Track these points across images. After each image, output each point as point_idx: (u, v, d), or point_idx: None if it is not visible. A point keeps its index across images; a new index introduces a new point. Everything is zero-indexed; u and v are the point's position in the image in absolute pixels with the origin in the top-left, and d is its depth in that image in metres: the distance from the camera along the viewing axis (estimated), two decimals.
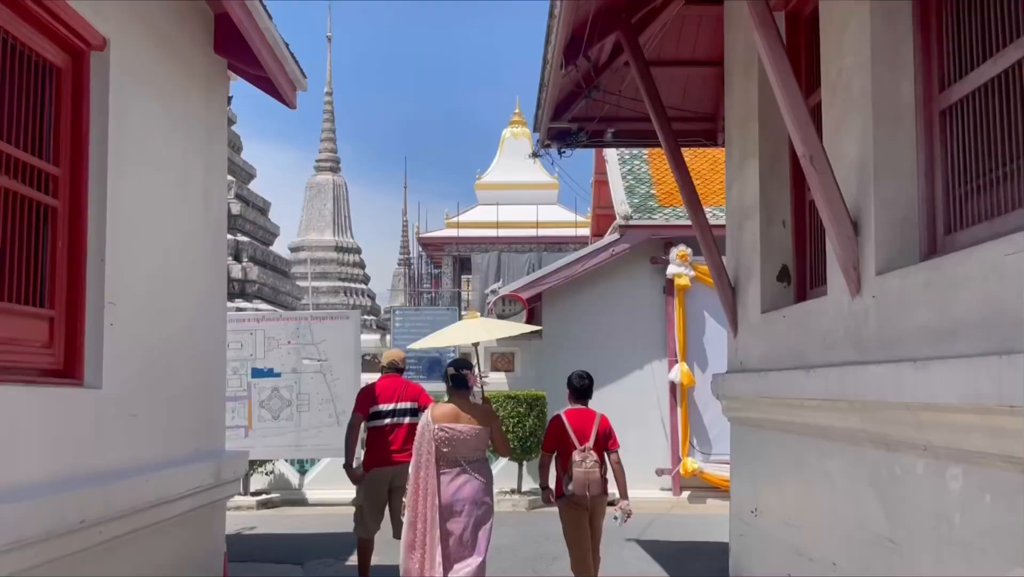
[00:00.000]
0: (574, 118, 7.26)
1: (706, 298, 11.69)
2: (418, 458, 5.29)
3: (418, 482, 5.26)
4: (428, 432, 5.28)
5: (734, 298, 5.87)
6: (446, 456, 5.26)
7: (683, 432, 11.54)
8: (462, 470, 5.25)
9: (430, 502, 5.19)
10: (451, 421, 5.28)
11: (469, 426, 5.27)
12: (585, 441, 5.79)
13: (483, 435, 5.33)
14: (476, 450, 5.34)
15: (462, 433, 5.26)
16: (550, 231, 30.46)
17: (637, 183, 12.62)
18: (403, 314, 11.70)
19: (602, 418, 5.98)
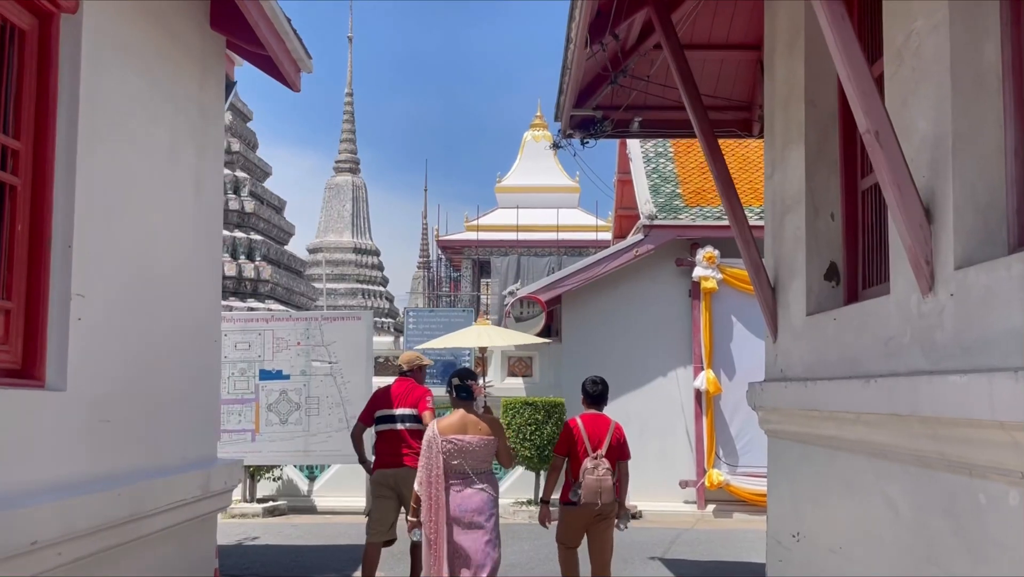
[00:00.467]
0: (598, 106, 6.77)
1: (734, 302, 11.16)
2: (428, 473, 5.24)
3: (431, 497, 5.21)
4: (435, 445, 5.22)
5: (774, 299, 5.34)
6: (454, 468, 5.22)
7: (708, 442, 10.99)
8: (471, 482, 5.24)
9: (440, 516, 5.18)
10: (458, 433, 5.24)
11: (477, 437, 5.25)
12: (599, 448, 5.73)
13: (491, 446, 5.32)
14: (484, 461, 5.32)
15: (470, 444, 5.23)
16: (571, 235, 30.02)
17: (662, 182, 12.10)
18: (417, 315, 11.24)
19: (617, 426, 5.91)
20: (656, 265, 11.44)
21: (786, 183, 5.17)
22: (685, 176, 12.24)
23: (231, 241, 15.22)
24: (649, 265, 11.42)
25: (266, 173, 17.46)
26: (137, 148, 4.43)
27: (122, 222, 4.23)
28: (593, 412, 5.95)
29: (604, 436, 5.77)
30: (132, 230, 4.35)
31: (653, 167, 12.35)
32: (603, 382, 6.03)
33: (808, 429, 4.56)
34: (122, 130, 4.24)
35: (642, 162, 12.37)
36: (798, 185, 4.92)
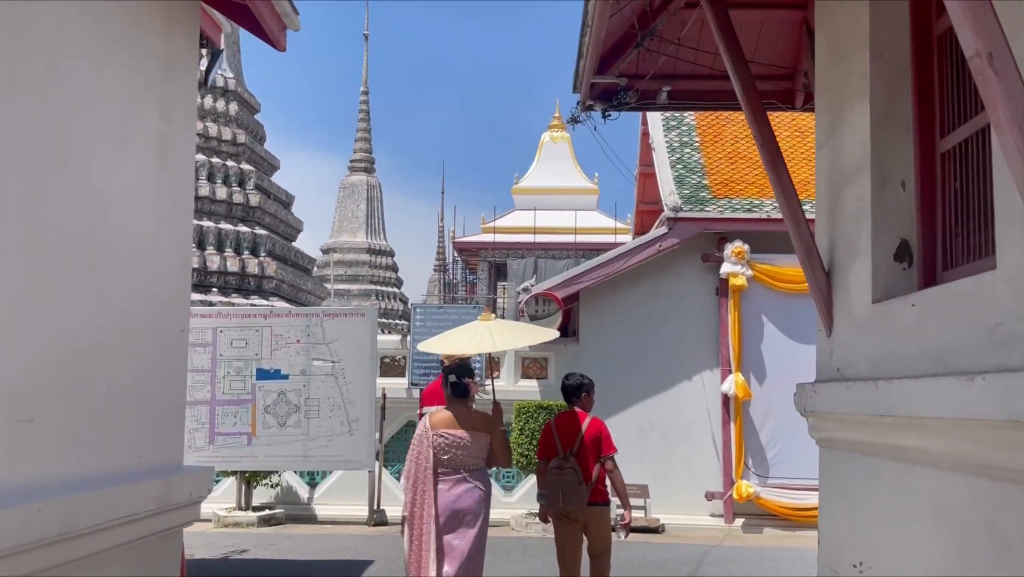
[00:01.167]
0: (622, 73, 6.02)
1: (765, 300, 10.38)
2: (416, 467, 5.18)
3: (417, 494, 5.15)
4: (426, 439, 5.17)
5: (829, 286, 4.58)
6: (445, 464, 5.16)
7: (737, 451, 10.20)
8: (462, 478, 5.15)
9: (427, 513, 5.09)
10: (449, 427, 5.17)
11: (466, 432, 5.17)
12: (567, 447, 5.58)
13: (483, 441, 5.22)
14: (476, 458, 5.22)
15: (461, 439, 5.15)
16: (589, 237, 29.41)
17: (688, 172, 11.34)
18: (424, 312, 10.52)
19: (592, 422, 5.71)
20: (681, 260, 10.67)
21: (844, 149, 4.41)
22: (712, 166, 11.47)
23: (235, 236, 14.62)
24: (673, 260, 10.66)
25: (273, 167, 16.86)
26: (77, 99, 3.74)
27: (55, 187, 3.54)
28: (567, 411, 5.84)
29: (575, 435, 5.60)
30: (68, 197, 3.66)
31: (678, 157, 11.60)
32: (579, 377, 5.89)
33: (877, 438, 3.80)
34: (56, 74, 3.55)
35: (666, 152, 11.62)
36: (861, 151, 4.16)
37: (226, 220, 14.59)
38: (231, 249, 14.34)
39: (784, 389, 10.52)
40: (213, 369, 10.04)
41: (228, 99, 15.65)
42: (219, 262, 13.94)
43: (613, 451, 5.64)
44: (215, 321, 10.07)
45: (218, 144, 15.09)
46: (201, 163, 14.64)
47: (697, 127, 12.12)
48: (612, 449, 5.64)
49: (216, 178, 14.77)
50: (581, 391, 5.82)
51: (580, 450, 5.54)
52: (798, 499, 9.94)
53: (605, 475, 5.63)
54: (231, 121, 15.43)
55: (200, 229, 14.12)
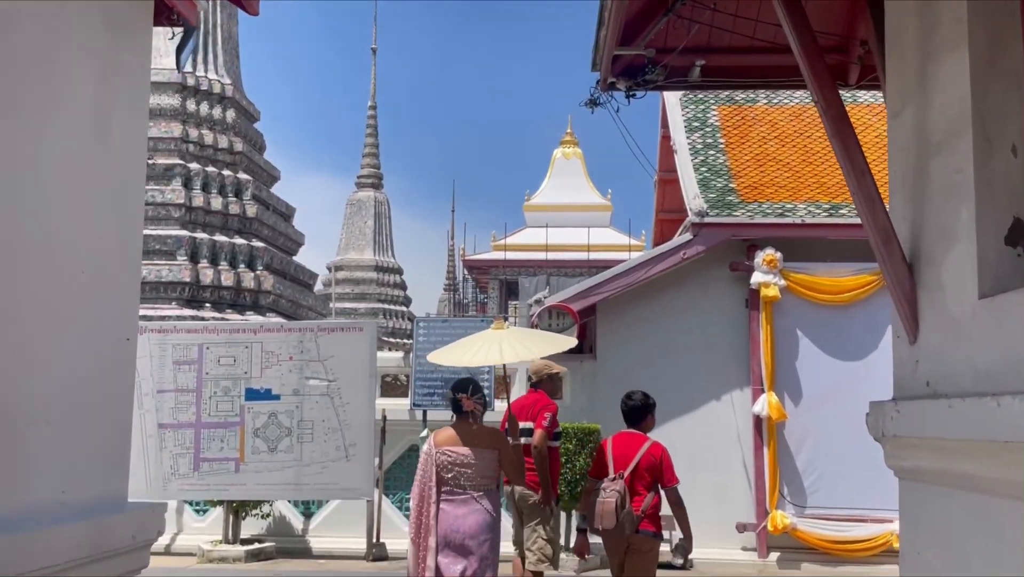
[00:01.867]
0: (648, 45, 5.22)
1: (800, 313, 9.53)
2: (420, 488, 5.07)
3: (419, 516, 5.04)
4: (430, 458, 5.06)
5: (911, 281, 3.73)
6: (449, 483, 5.03)
7: (771, 478, 9.30)
8: (467, 499, 5.00)
9: (426, 539, 4.97)
10: (452, 444, 5.05)
11: (470, 449, 5.02)
12: (620, 469, 5.27)
13: (489, 459, 5.05)
14: (483, 477, 5.05)
15: (464, 457, 5.01)
16: (602, 254, 28.87)
17: (713, 176, 10.53)
18: (428, 326, 9.71)
19: (652, 446, 5.36)
20: (707, 270, 9.84)
21: (932, 113, 3.58)
22: (739, 169, 10.66)
23: (230, 248, 13.92)
24: (698, 270, 9.83)
25: (273, 177, 16.19)
26: None
27: None
28: (627, 431, 5.52)
29: (632, 457, 5.26)
30: None
31: (701, 159, 10.80)
32: (640, 396, 5.55)
33: (992, 472, 2.95)
34: None
35: (688, 154, 10.82)
36: (957, 110, 3.33)
37: (221, 232, 13.91)
38: (226, 262, 13.64)
39: (822, 410, 9.68)
40: (198, 389, 9.23)
41: (225, 106, 15.01)
42: (213, 275, 13.24)
43: (675, 482, 5.27)
44: (201, 337, 9.28)
45: (214, 152, 14.45)
46: (196, 172, 14.00)
47: (722, 128, 11.33)
48: (675, 480, 5.27)
49: (211, 188, 14.11)
50: (646, 412, 5.50)
51: (633, 474, 5.23)
52: (840, 531, 9.04)
53: (658, 507, 5.26)
54: (228, 129, 14.78)
55: (193, 241, 13.45)
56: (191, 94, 14.87)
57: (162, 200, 13.68)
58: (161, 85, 14.69)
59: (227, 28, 15.87)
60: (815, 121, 11.42)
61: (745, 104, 11.86)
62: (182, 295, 13.16)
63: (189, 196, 13.80)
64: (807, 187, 10.19)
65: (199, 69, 15.16)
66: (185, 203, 13.71)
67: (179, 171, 14.06)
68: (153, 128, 14.33)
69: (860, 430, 9.60)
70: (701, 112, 11.66)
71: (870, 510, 8.99)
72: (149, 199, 13.58)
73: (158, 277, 13.11)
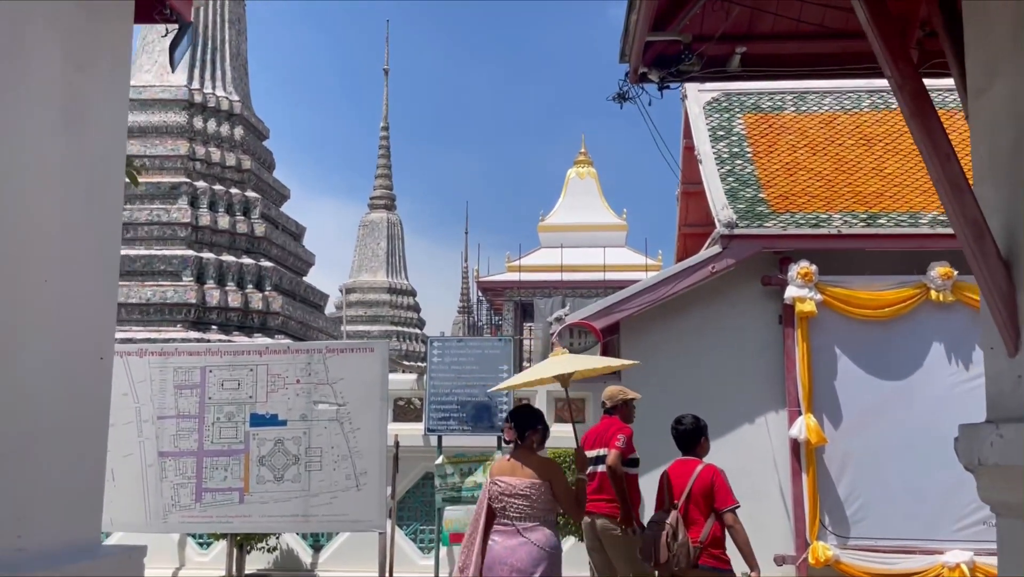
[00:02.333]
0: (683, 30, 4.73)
1: (838, 329, 8.95)
2: (473, 519, 5.10)
3: (464, 548, 5.06)
4: (484, 487, 5.08)
5: (1009, 282, 3.18)
6: (500, 513, 4.90)
7: (811, 507, 8.68)
8: (515, 532, 4.80)
9: (471, 568, 4.94)
10: (505, 474, 4.94)
11: (520, 479, 4.85)
12: (674, 499, 5.16)
13: (541, 490, 4.82)
14: (534, 508, 4.83)
15: (515, 487, 4.84)
16: (618, 275, 28.50)
17: (741, 186, 10.01)
18: (442, 346, 9.20)
19: (704, 469, 5.24)
20: (737, 284, 9.28)
21: None
22: (768, 179, 10.13)
23: (237, 268, 13.47)
24: (728, 284, 9.28)
25: (283, 196, 15.79)
26: None
27: None
28: (681, 458, 5.42)
29: (686, 484, 5.15)
30: None
31: (728, 169, 10.28)
32: (689, 419, 5.49)
33: None
34: None
35: (714, 163, 10.30)
36: None
37: (228, 251, 13.48)
38: (233, 283, 13.20)
39: (865, 433, 9.06)
40: (201, 415, 8.75)
41: (233, 123, 14.64)
42: (219, 296, 12.80)
43: (731, 503, 5.11)
44: (203, 360, 8.79)
45: (221, 170, 14.06)
46: (202, 190, 13.60)
47: (748, 137, 10.82)
48: (730, 501, 5.11)
49: (219, 206, 13.71)
50: (698, 436, 5.40)
51: (688, 502, 5.08)
52: (887, 564, 8.40)
53: (721, 535, 5.10)
54: (236, 146, 14.41)
55: (200, 261, 13.02)
56: (198, 111, 14.52)
57: (168, 219, 13.29)
58: (168, 102, 14.37)
59: (236, 44, 15.56)
60: (846, 129, 10.91)
61: (772, 112, 11.36)
62: (187, 317, 12.73)
63: (195, 215, 13.39)
64: (842, 196, 9.65)
65: (207, 86, 14.84)
66: (191, 222, 13.30)
67: (185, 189, 13.67)
68: (159, 146, 13.99)
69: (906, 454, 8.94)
70: (726, 121, 11.16)
71: (919, 541, 8.37)
72: (154, 219, 13.21)
73: (163, 298, 12.69)
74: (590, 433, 6.50)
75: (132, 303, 12.81)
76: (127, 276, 13.01)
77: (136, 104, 14.44)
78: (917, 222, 9.13)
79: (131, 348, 9.13)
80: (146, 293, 12.70)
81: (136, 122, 14.29)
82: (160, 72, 14.74)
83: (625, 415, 6.51)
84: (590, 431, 6.56)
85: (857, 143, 10.56)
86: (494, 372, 9.04)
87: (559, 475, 4.98)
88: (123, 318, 12.78)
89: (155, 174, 13.78)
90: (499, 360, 9.03)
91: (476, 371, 9.04)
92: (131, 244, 13.37)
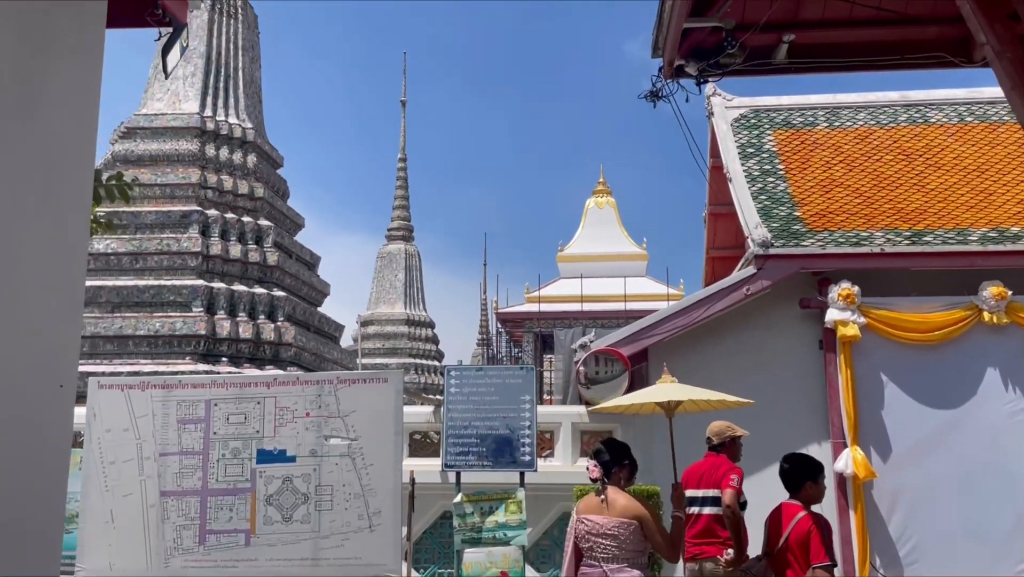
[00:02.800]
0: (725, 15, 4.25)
1: (883, 354, 8.36)
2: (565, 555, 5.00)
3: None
4: (571, 524, 4.98)
5: None
6: (587, 553, 4.75)
7: (860, 547, 8.03)
8: (602, 574, 4.65)
9: None
10: (591, 512, 4.78)
11: (607, 518, 4.67)
12: (773, 546, 4.84)
13: (629, 530, 4.62)
14: (622, 549, 4.64)
15: (600, 526, 4.69)
16: (639, 304, 28.13)
17: (774, 204, 9.48)
18: (460, 375, 8.66)
19: (802, 520, 4.73)
20: (774, 307, 8.72)
21: None
22: (802, 196, 9.60)
23: (249, 298, 13.05)
24: (764, 307, 8.72)
25: (297, 224, 15.42)
26: None
27: None
28: (785, 501, 4.97)
29: (783, 532, 4.76)
30: None
31: (760, 187, 9.76)
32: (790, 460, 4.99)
33: None
34: None
35: (745, 181, 9.79)
36: None
37: (240, 281, 13.07)
38: (244, 313, 12.77)
39: (916, 466, 8.37)
40: (205, 451, 8.25)
41: (246, 150, 14.32)
42: (230, 327, 12.36)
43: (821, 560, 4.62)
44: (208, 392, 8.31)
45: (233, 198, 13.71)
46: (214, 219, 13.25)
47: (779, 154, 10.32)
48: (820, 557, 4.62)
49: (230, 235, 13.33)
50: (801, 479, 4.84)
51: (781, 554, 4.74)
52: None
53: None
54: (249, 174, 14.06)
55: (210, 291, 12.62)
56: (211, 139, 14.23)
57: (178, 249, 12.93)
58: (179, 130, 14.08)
59: (249, 72, 15.31)
60: (883, 144, 10.38)
61: (803, 128, 10.86)
62: (197, 349, 12.30)
63: (206, 244, 13.02)
64: (882, 213, 9.10)
65: (220, 113, 14.55)
66: (202, 251, 12.94)
67: (196, 218, 13.32)
68: (170, 174, 13.68)
69: (963, 489, 8.22)
70: (756, 137, 10.67)
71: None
72: (164, 248, 12.85)
73: (172, 330, 12.28)
74: (692, 471, 6.13)
75: (140, 335, 12.41)
76: (135, 307, 12.65)
77: (147, 132, 14.20)
78: (966, 239, 8.55)
79: (133, 381, 8.70)
80: (154, 325, 12.30)
81: (148, 150, 14.02)
82: (172, 100, 14.49)
83: (732, 453, 6.21)
84: (692, 468, 6.16)
85: (896, 158, 10.02)
86: (515, 403, 8.49)
87: (650, 514, 4.75)
88: (131, 351, 12.39)
89: (166, 203, 13.46)
90: (521, 390, 8.48)
91: (496, 402, 8.49)
92: (140, 275, 13.02)
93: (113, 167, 13.66)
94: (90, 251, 13.23)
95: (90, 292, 12.53)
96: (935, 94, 10.97)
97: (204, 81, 14.43)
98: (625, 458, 4.92)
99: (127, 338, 12.32)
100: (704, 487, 5.97)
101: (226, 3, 15.12)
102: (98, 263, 13.13)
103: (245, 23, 15.43)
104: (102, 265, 13.15)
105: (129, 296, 12.59)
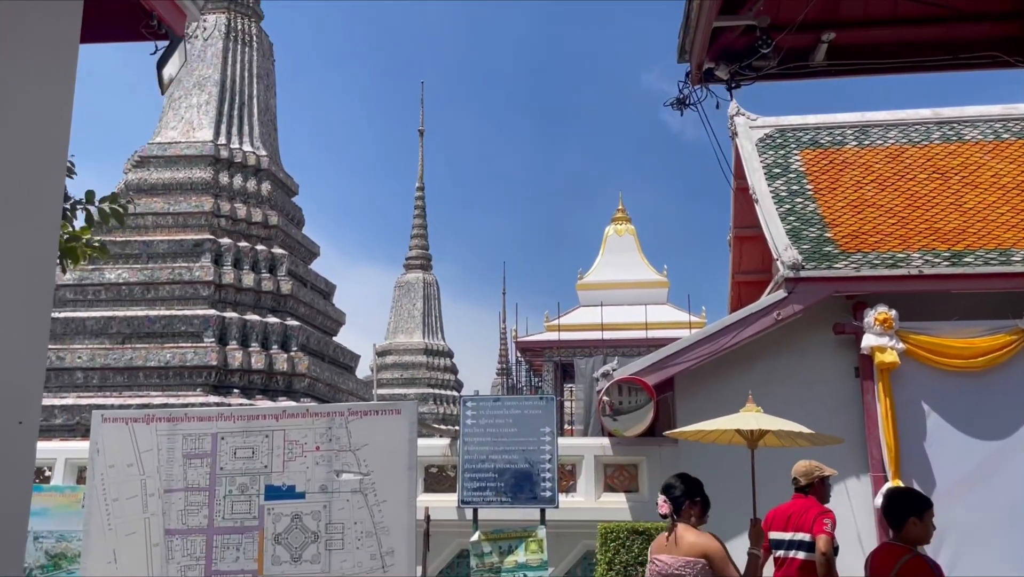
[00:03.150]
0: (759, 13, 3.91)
1: (924, 382, 7.90)
2: None
3: None
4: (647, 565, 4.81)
5: None
6: None
7: None
8: None
9: None
10: (660, 552, 4.63)
11: (675, 557, 4.51)
12: None
13: (695, 570, 4.44)
14: None
15: (669, 566, 4.54)
16: (660, 332, 27.67)
17: (803, 225, 9.08)
18: (476, 406, 8.27)
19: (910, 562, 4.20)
20: (806, 333, 8.30)
21: None
22: (833, 217, 9.20)
23: (262, 327, 12.76)
24: (796, 333, 8.30)
25: (312, 253, 15.17)
26: None
27: None
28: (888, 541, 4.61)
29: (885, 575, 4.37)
30: None
31: (788, 208, 9.37)
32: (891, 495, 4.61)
33: None
34: None
35: (772, 202, 9.41)
36: None
37: (253, 310, 12.80)
38: (257, 343, 12.47)
39: (963, 500, 7.86)
40: (212, 487, 7.90)
41: (260, 178, 14.12)
42: (242, 358, 12.06)
43: None
44: (215, 425, 7.98)
45: (247, 227, 13.48)
46: (227, 247, 13.01)
47: (807, 174, 9.93)
48: None
49: (243, 264, 13.08)
50: (904, 514, 4.34)
51: None
52: None
53: None
54: (263, 202, 13.86)
55: (222, 321, 12.34)
56: (224, 167, 14.05)
57: (190, 278, 12.69)
58: (193, 159, 13.92)
59: (264, 99, 15.17)
60: (916, 162, 9.98)
61: (831, 147, 10.48)
62: (208, 380, 12.00)
63: (219, 273, 12.78)
64: (918, 234, 8.67)
65: (234, 141, 14.39)
66: (214, 280, 12.69)
67: (209, 247, 13.09)
68: (183, 202, 13.50)
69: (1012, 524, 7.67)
70: (782, 157, 10.30)
71: None
72: (176, 277, 12.63)
73: (183, 361, 12.00)
74: (778, 513, 5.87)
75: (150, 367, 12.14)
76: (145, 338, 12.40)
77: (161, 161, 14.05)
78: (1009, 260, 8.10)
79: (138, 414, 8.39)
80: (165, 356, 12.03)
81: (161, 179, 13.87)
82: (186, 129, 14.36)
83: (821, 495, 5.88)
84: (779, 510, 5.91)
85: (930, 177, 9.61)
86: (535, 435, 8.08)
87: (719, 552, 4.50)
88: (140, 382, 12.12)
89: (178, 231, 13.26)
90: (541, 421, 8.07)
91: (515, 434, 8.09)
92: (151, 305, 12.78)
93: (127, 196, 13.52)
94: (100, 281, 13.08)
95: (100, 323, 12.31)
96: (968, 111, 10.57)
97: (218, 109, 14.30)
98: (697, 494, 4.71)
99: (137, 369, 12.06)
100: (792, 529, 5.70)
101: (241, 31, 15.04)
102: (109, 293, 12.92)
103: (260, 51, 15.34)
104: (113, 295, 12.94)
105: (140, 327, 12.35)
